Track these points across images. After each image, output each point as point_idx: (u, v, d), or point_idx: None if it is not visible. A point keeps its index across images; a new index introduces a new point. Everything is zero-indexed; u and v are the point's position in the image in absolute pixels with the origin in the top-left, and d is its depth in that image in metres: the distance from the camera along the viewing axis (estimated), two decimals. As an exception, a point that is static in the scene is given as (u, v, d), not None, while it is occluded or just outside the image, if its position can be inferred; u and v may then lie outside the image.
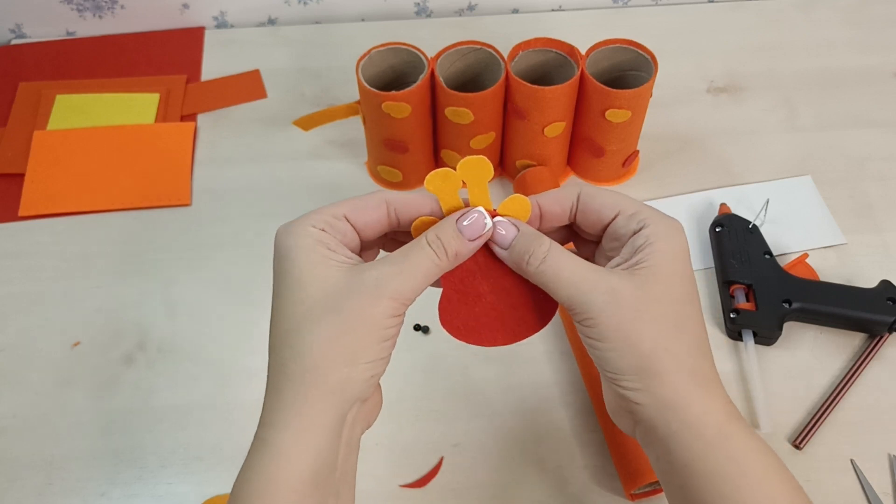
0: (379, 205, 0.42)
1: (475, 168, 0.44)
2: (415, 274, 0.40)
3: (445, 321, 0.45)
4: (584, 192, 0.43)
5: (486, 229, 0.42)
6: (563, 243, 0.44)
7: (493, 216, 0.44)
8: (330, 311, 0.39)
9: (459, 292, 0.45)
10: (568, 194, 0.44)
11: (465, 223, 0.42)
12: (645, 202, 0.44)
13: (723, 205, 0.70)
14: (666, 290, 0.40)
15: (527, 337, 0.45)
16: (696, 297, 0.42)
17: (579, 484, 0.58)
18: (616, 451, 0.56)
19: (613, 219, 0.43)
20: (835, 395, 0.60)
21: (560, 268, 0.41)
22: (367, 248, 0.45)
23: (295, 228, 0.41)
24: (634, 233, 0.41)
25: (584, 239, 0.46)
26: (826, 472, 0.58)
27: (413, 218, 0.43)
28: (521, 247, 0.42)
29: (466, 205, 0.44)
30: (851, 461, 0.58)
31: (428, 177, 0.42)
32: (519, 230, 0.43)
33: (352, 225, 0.42)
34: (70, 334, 0.66)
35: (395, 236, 0.45)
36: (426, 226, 0.43)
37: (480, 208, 0.43)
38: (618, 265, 0.41)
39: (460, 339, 0.45)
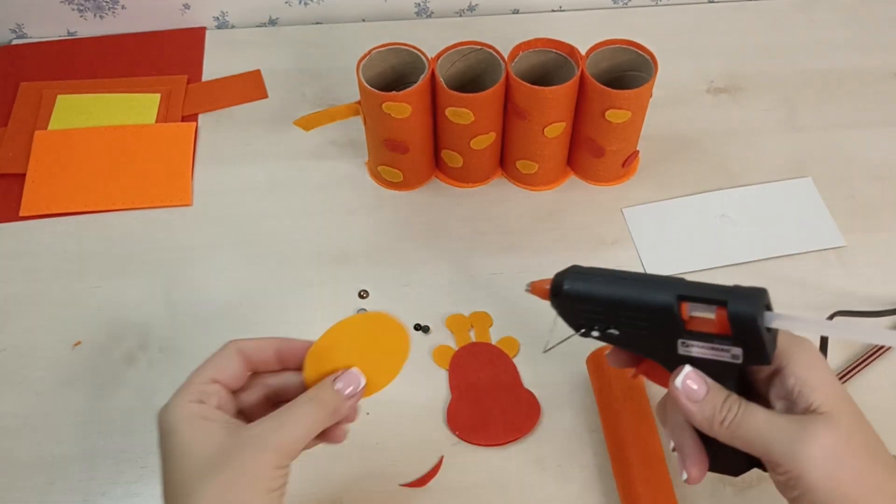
0: (234, 356, 0.46)
1: (482, 319, 0.64)
2: (296, 428, 0.43)
3: (452, 424, 0.59)
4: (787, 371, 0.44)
5: (360, 387, 0.46)
6: None
7: (489, 344, 0.61)
8: (213, 471, 0.41)
9: (463, 400, 0.60)
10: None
11: (339, 384, 0.46)
12: (646, 205, 0.44)
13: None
14: (854, 427, 0.41)
15: (516, 439, 0.59)
16: (869, 427, 0.43)
17: (579, 484, 0.58)
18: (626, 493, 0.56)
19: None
20: None
21: (756, 422, 0.42)
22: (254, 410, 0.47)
23: (172, 406, 0.44)
24: (797, 388, 0.42)
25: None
26: (826, 472, 0.58)
27: (263, 364, 0.47)
28: (713, 403, 0.44)
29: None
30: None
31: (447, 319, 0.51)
32: (709, 386, 0.44)
33: (219, 383, 0.45)
34: (71, 334, 0.66)
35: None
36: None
37: (354, 369, 0.46)
38: (788, 409, 0.43)
39: (462, 439, 0.59)
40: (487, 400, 0.61)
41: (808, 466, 0.40)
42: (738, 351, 0.43)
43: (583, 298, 0.46)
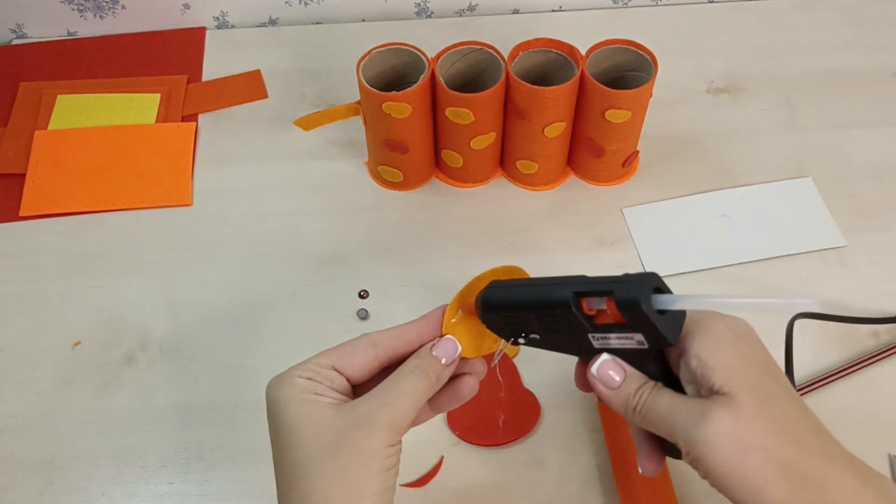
0: (365, 349, 0.45)
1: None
2: (403, 402, 0.42)
3: (452, 424, 0.59)
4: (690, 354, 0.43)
5: (457, 352, 0.46)
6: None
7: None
8: (328, 451, 0.40)
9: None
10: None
11: (437, 351, 0.45)
12: (646, 205, 0.44)
13: None
14: (752, 403, 0.40)
15: (516, 439, 0.59)
16: (781, 373, 0.42)
17: (579, 484, 0.58)
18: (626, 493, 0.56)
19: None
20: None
21: (658, 402, 0.42)
22: (363, 385, 0.46)
23: (282, 380, 0.43)
24: (696, 363, 0.42)
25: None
26: (826, 471, 0.58)
27: (400, 355, 0.45)
28: (628, 390, 0.44)
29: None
30: (851, 461, 0.58)
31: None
32: (626, 373, 0.44)
33: (339, 372, 0.44)
34: (71, 334, 0.66)
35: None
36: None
37: (448, 337, 0.47)
38: (697, 392, 0.42)
39: (462, 439, 0.59)
40: (487, 400, 0.60)
41: (706, 449, 0.40)
42: (640, 337, 0.43)
43: (500, 307, 0.47)
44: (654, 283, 0.43)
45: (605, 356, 0.45)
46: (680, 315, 0.43)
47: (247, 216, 0.73)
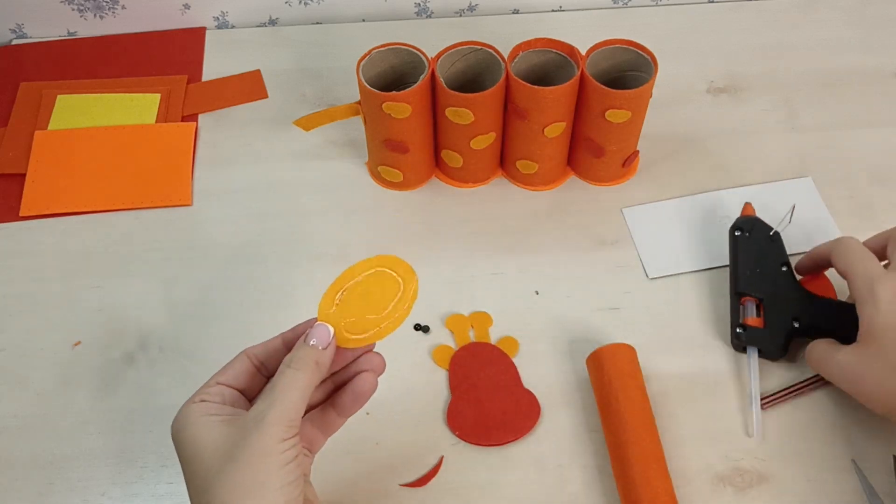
0: (242, 360, 0.48)
1: (482, 319, 0.66)
2: (287, 395, 0.44)
3: (452, 424, 0.60)
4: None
5: (330, 335, 0.47)
6: None
7: (490, 344, 0.63)
8: (224, 460, 0.42)
9: (463, 401, 0.61)
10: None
11: (309, 338, 0.47)
12: (646, 205, 0.44)
13: (747, 204, 0.68)
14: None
15: (516, 439, 0.59)
16: None
17: (579, 484, 0.58)
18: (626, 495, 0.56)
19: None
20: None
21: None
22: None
23: (179, 413, 0.45)
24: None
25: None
26: (826, 471, 0.58)
27: (276, 363, 0.47)
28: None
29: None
30: (852, 461, 0.58)
31: (447, 319, 0.61)
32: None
33: (225, 384, 0.47)
34: (71, 334, 0.66)
35: None
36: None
37: (318, 323, 0.48)
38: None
39: (462, 439, 0.59)
40: (487, 400, 0.61)
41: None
42: None
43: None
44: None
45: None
46: None
47: (247, 216, 0.73)
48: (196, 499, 0.43)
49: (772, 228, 0.66)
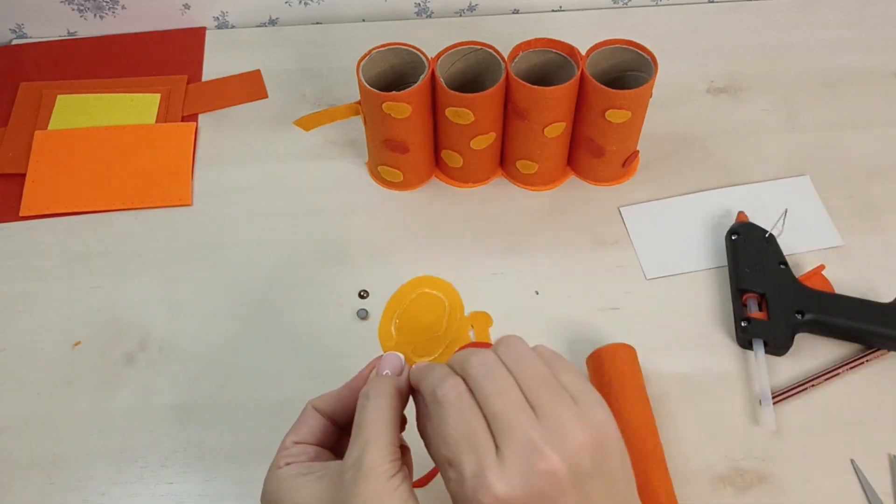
0: (312, 414, 0.47)
1: (482, 319, 0.63)
2: (378, 432, 0.42)
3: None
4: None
5: (401, 360, 0.47)
6: None
7: (488, 345, 0.53)
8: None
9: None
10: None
11: (381, 369, 0.46)
12: (643, 204, 0.44)
13: (740, 213, 0.69)
14: None
15: None
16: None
17: (579, 484, 0.58)
18: None
19: None
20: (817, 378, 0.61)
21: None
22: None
23: (268, 479, 0.44)
24: None
25: None
26: (826, 471, 0.58)
27: (347, 412, 0.46)
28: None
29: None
30: (851, 461, 0.58)
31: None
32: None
33: (304, 443, 0.46)
34: (71, 334, 0.66)
35: None
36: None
37: (387, 353, 0.48)
38: None
39: None
40: None
41: None
42: None
43: None
44: None
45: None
46: None
47: (247, 216, 0.73)
48: None
49: (766, 231, 0.66)
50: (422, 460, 0.59)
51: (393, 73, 0.69)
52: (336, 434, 0.47)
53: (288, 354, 0.64)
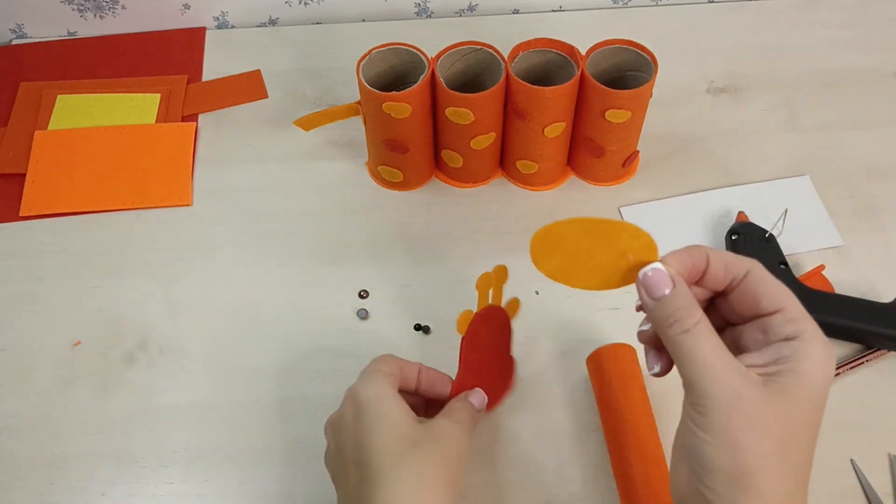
0: (415, 372, 0.53)
1: (499, 274, 0.58)
2: (454, 443, 0.49)
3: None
4: (755, 275, 0.42)
5: (485, 401, 0.54)
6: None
7: (501, 309, 0.58)
8: (414, 448, 0.47)
9: (470, 373, 0.56)
10: (739, 265, 0.42)
11: (472, 398, 0.53)
12: (643, 204, 0.43)
13: (740, 213, 0.69)
14: (792, 412, 0.39)
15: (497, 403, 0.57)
16: (818, 428, 0.40)
17: (579, 484, 0.58)
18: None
19: (771, 314, 0.41)
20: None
21: (699, 345, 0.39)
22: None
23: (372, 383, 0.49)
24: (786, 339, 0.40)
25: (721, 314, 0.44)
26: (826, 472, 0.58)
27: (433, 394, 0.54)
28: (672, 307, 0.41)
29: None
30: (851, 461, 0.58)
31: (478, 280, 0.57)
32: (675, 286, 0.42)
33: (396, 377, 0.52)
34: (71, 334, 0.66)
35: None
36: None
37: (477, 389, 0.55)
38: (754, 366, 0.40)
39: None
40: (485, 370, 0.57)
41: (716, 403, 0.38)
42: None
43: None
44: None
45: (656, 264, 0.43)
46: None
47: (247, 216, 0.73)
48: (380, 459, 0.45)
49: (766, 231, 0.66)
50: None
51: (393, 73, 0.69)
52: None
53: (288, 354, 0.64)
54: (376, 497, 0.44)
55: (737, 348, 0.42)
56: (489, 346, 0.58)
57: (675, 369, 0.42)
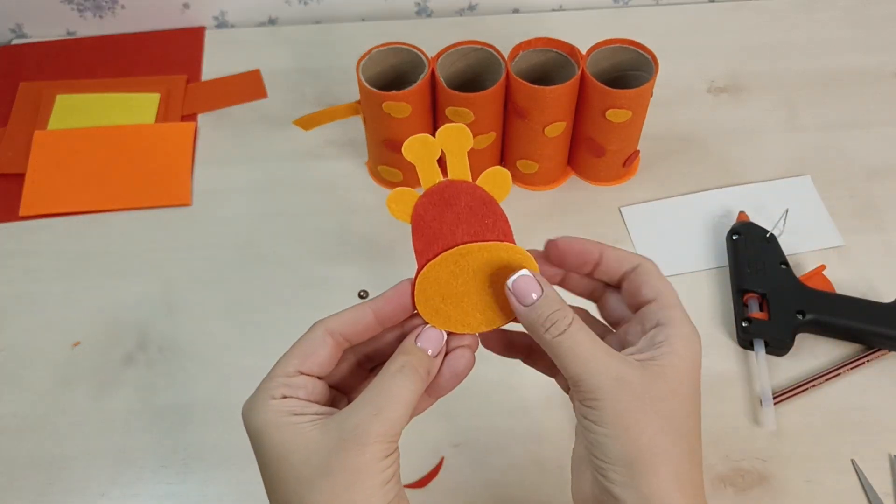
0: (323, 340, 0.42)
1: (455, 136, 0.42)
2: (395, 408, 0.39)
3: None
4: (644, 267, 0.42)
5: (443, 340, 0.42)
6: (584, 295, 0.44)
7: (470, 184, 0.43)
8: (320, 474, 0.37)
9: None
10: (633, 258, 0.43)
11: (422, 342, 0.41)
12: (643, 204, 0.43)
13: (741, 213, 0.69)
14: (674, 391, 0.40)
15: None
16: (699, 406, 0.42)
17: (580, 484, 0.57)
18: None
19: (649, 302, 0.42)
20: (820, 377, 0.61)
21: (578, 342, 0.39)
22: (345, 387, 0.44)
23: (256, 406, 0.40)
24: (658, 325, 0.41)
25: (609, 312, 0.45)
26: (826, 472, 0.58)
27: (361, 335, 0.42)
28: (545, 311, 0.41)
29: (445, 176, 0.43)
30: (852, 461, 0.58)
31: (406, 142, 0.42)
32: (543, 291, 0.41)
33: (307, 374, 0.41)
34: (70, 334, 0.66)
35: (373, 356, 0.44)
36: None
37: (428, 327, 0.42)
38: (633, 354, 0.41)
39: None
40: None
41: (602, 392, 0.38)
42: None
43: None
44: None
45: (524, 271, 0.42)
46: None
47: (246, 216, 0.73)
48: None
49: (767, 231, 0.66)
50: (420, 462, 0.59)
51: (393, 73, 0.69)
52: (347, 369, 0.43)
53: (288, 354, 0.64)
54: None
55: (622, 348, 0.43)
56: (459, 237, 0.44)
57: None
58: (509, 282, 0.42)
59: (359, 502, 0.37)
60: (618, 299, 0.45)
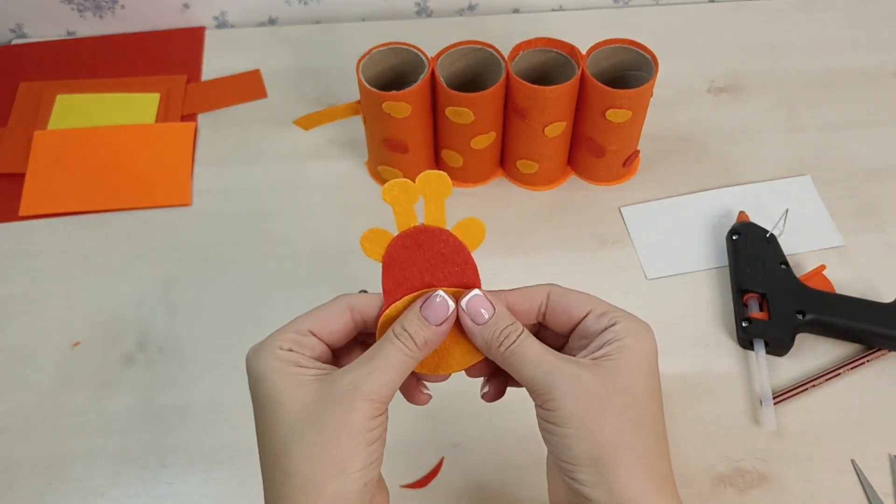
0: (343, 312, 0.43)
1: (434, 183, 0.44)
2: (387, 370, 0.40)
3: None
4: (554, 291, 0.43)
5: (451, 311, 0.42)
6: None
7: (444, 231, 0.45)
8: (311, 426, 0.38)
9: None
10: (537, 292, 0.44)
11: (427, 312, 0.42)
12: (643, 204, 0.44)
13: (741, 213, 0.69)
14: (630, 384, 0.40)
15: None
16: (659, 396, 0.42)
17: (580, 484, 0.57)
18: None
19: (583, 318, 0.42)
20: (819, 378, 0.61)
21: (531, 349, 0.41)
22: (345, 352, 0.45)
23: (263, 352, 0.41)
24: (605, 329, 0.41)
25: (553, 339, 0.45)
26: (826, 472, 0.58)
27: (377, 320, 0.43)
28: (498, 327, 0.42)
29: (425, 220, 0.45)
30: (852, 461, 0.58)
31: (385, 186, 0.43)
32: (495, 310, 0.43)
33: (318, 337, 0.42)
34: (70, 334, 0.66)
35: (367, 339, 0.45)
36: (391, 321, 0.42)
37: (441, 291, 0.42)
38: (584, 356, 0.41)
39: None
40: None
41: (558, 393, 0.39)
42: None
43: None
44: None
45: (476, 291, 0.44)
46: None
47: (246, 216, 0.73)
48: (270, 456, 0.40)
49: (767, 231, 0.66)
50: (420, 462, 0.59)
51: (393, 73, 0.69)
52: (353, 342, 0.44)
53: (288, 354, 0.64)
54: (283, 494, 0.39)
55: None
56: (427, 281, 0.44)
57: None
58: (463, 302, 0.43)
59: (341, 458, 0.38)
60: (548, 332, 0.45)
